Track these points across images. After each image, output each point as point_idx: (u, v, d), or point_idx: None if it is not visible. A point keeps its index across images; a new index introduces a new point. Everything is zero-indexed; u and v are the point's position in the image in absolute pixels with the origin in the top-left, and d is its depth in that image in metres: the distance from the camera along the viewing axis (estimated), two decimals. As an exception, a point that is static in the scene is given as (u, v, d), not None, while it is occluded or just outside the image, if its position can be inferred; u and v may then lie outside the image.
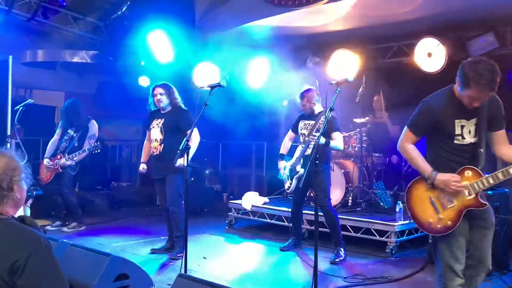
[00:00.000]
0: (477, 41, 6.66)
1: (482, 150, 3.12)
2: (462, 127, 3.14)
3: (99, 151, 6.72)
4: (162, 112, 5.66)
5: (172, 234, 5.67)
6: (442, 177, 3.14)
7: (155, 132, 5.60)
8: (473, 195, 3.09)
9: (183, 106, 5.72)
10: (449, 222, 3.13)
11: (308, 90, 5.77)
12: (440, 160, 3.25)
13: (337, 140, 5.54)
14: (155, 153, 5.58)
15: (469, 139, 3.16)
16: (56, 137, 7.04)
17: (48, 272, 1.97)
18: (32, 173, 2.30)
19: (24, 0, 7.57)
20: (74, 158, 6.71)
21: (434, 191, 3.21)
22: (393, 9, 6.46)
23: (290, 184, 5.77)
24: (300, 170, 5.63)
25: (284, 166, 5.87)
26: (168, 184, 5.51)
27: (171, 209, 5.50)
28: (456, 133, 3.16)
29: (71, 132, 6.91)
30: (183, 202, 5.48)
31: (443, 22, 6.72)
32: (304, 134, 5.74)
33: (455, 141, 3.17)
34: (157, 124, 5.62)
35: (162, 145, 5.52)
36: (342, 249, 5.58)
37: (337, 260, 5.46)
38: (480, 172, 3.10)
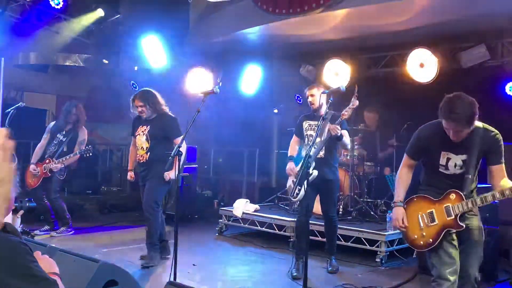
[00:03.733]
0: (469, 53, 6.73)
1: (469, 176, 3.25)
2: (448, 159, 3.31)
3: (90, 154, 6.67)
4: (147, 118, 5.50)
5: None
6: (395, 211, 3.46)
7: (141, 139, 5.46)
8: (453, 217, 3.25)
9: (168, 112, 5.55)
10: (430, 240, 3.31)
11: (316, 85, 5.44)
12: (427, 180, 3.49)
13: (347, 138, 5.27)
14: (141, 161, 5.46)
15: (453, 170, 3.32)
16: (43, 141, 6.90)
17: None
18: (20, 177, 2.26)
19: (17, 2, 7.55)
20: (64, 162, 6.64)
21: (423, 208, 3.38)
22: (386, 19, 6.51)
23: (299, 190, 5.08)
24: (313, 172, 5.00)
25: (292, 168, 5.29)
26: (147, 190, 5.36)
27: (145, 215, 5.36)
28: (441, 163, 3.34)
29: (60, 136, 6.84)
30: (160, 210, 5.40)
31: (435, 33, 6.78)
32: (311, 135, 5.27)
33: (440, 169, 3.36)
34: (142, 132, 5.47)
35: (149, 153, 5.39)
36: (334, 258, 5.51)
37: (334, 269, 5.37)
38: (463, 196, 3.24)
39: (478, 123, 3.23)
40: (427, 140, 3.39)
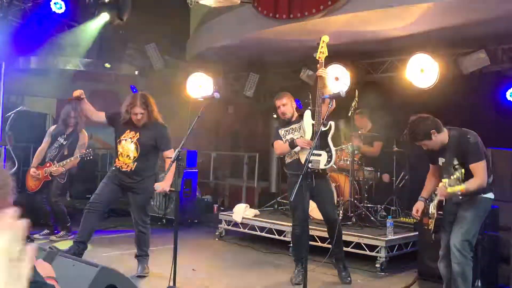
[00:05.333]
0: (469, 58, 6.74)
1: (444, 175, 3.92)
2: (443, 162, 3.97)
3: (91, 157, 6.66)
4: (139, 124, 5.07)
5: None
6: (416, 204, 4.20)
7: (128, 147, 5.07)
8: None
9: (160, 120, 5.14)
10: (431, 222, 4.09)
11: (286, 94, 5.29)
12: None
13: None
14: (123, 169, 5.09)
15: None
16: (44, 145, 6.88)
17: None
18: (21, 181, 2.25)
19: (19, 7, 7.57)
20: (65, 165, 6.64)
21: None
22: (386, 25, 6.52)
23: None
24: (320, 152, 4.81)
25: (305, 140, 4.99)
26: (138, 206, 5.19)
27: (139, 228, 5.25)
28: (440, 164, 4.03)
29: (61, 140, 6.84)
30: (149, 221, 5.35)
31: (435, 39, 6.80)
32: (291, 138, 5.13)
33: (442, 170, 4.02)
34: (130, 138, 5.06)
35: (136, 163, 5.05)
36: None
37: (347, 281, 5.15)
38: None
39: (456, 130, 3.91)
40: (429, 152, 4.09)
